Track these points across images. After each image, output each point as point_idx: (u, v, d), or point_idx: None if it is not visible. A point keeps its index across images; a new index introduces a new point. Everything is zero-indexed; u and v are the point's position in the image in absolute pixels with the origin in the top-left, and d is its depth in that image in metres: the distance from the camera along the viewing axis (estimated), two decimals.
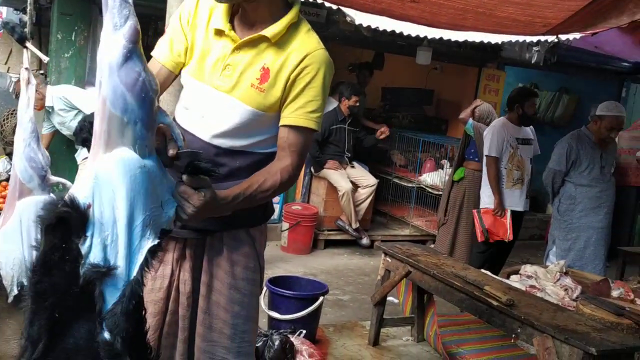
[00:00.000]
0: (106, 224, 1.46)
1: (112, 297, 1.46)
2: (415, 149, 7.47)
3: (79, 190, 1.47)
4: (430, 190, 7.13)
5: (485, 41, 6.25)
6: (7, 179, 6.01)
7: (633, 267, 5.79)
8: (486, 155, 5.38)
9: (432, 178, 7.18)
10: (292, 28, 1.92)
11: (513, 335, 3.13)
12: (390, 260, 3.94)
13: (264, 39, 1.89)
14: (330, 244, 6.81)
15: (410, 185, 7.38)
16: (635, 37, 5.19)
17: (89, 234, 1.45)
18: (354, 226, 6.73)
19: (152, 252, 1.52)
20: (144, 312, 1.57)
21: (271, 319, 3.85)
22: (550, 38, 5.41)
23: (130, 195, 1.49)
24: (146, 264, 1.51)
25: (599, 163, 5.04)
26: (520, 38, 6.00)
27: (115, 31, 1.49)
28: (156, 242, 1.53)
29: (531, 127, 5.58)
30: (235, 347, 2.05)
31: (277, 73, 1.89)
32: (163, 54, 2.01)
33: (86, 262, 1.44)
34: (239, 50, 1.90)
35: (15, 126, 8.95)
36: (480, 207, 5.44)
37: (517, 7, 3.74)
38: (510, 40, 6.20)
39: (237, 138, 1.96)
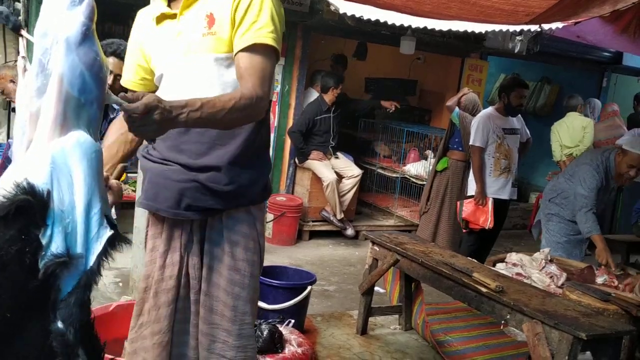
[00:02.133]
0: (66, 211, 1.38)
1: (67, 287, 1.38)
2: (399, 139, 7.46)
3: (35, 175, 1.37)
4: (414, 180, 7.14)
5: (469, 31, 6.24)
6: None
7: (615, 254, 5.83)
8: (471, 145, 5.42)
9: (416, 168, 7.19)
10: None
11: (502, 322, 3.14)
12: (378, 249, 3.93)
13: None
14: (315, 235, 6.79)
15: (394, 175, 7.39)
16: (617, 26, 5.21)
17: (49, 222, 1.35)
18: (338, 217, 6.71)
19: (111, 242, 1.45)
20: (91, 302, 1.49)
21: (259, 309, 3.82)
22: (533, 27, 5.42)
23: (88, 180, 1.42)
24: (105, 253, 1.44)
25: (604, 197, 4.64)
26: (504, 27, 6.01)
27: (73, 7, 1.44)
28: (112, 231, 1.46)
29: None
30: (236, 329, 2.05)
31: (220, 13, 1.94)
32: (127, 80, 2.18)
33: (47, 253, 1.34)
34: (182, 15, 2.00)
35: None
36: (468, 194, 5.49)
37: None
38: (494, 30, 6.21)
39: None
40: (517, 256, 4.32)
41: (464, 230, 5.60)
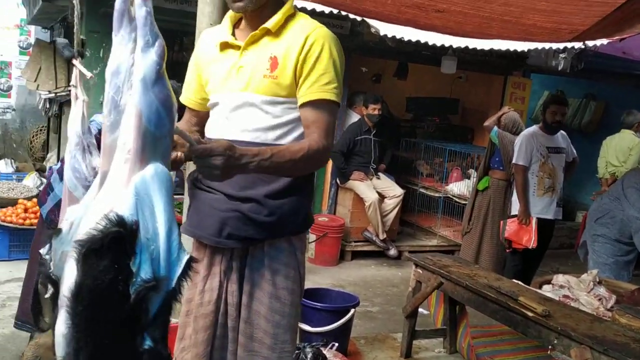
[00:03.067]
0: (151, 238, 1.48)
1: (153, 308, 1.47)
2: (441, 158, 7.43)
3: (122, 207, 1.46)
4: (457, 200, 7.07)
5: (511, 49, 6.21)
6: (37, 195, 6.11)
7: None
8: (514, 164, 5.37)
9: (459, 188, 7.13)
10: (290, 19, 2.05)
11: (549, 347, 3.08)
12: (421, 272, 3.91)
13: (265, 32, 2.02)
14: (357, 255, 6.79)
15: (437, 195, 7.34)
16: None
17: (138, 250, 1.45)
18: (381, 237, 6.70)
19: (188, 264, 1.54)
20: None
21: (303, 332, 3.84)
22: (577, 44, 5.36)
23: (167, 208, 1.51)
24: (184, 275, 1.53)
25: None
26: (547, 45, 5.95)
27: (148, 49, 1.52)
28: (189, 255, 1.55)
29: (563, 133, 5.51)
30: (276, 357, 2.07)
31: (284, 58, 1.98)
32: (187, 98, 2.23)
33: (137, 279, 1.43)
34: (246, 50, 2.04)
35: (44, 142, 9.09)
36: (512, 213, 5.42)
37: (543, 15, 3.72)
38: (537, 48, 6.16)
39: (264, 131, 2.01)
40: (564, 278, 4.23)
41: (507, 250, 5.53)
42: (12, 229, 5.32)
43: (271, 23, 2.00)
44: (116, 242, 1.40)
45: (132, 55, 1.55)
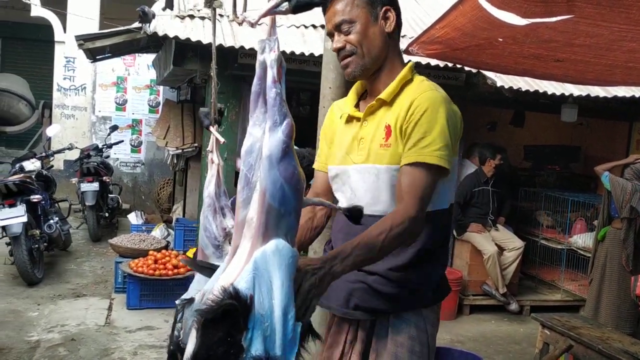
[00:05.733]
0: (266, 315, 1.45)
1: None
2: (563, 208, 7.12)
3: (240, 280, 1.46)
4: (582, 252, 6.73)
5: (637, 95, 5.95)
6: (166, 246, 6.46)
7: None
8: None
9: (584, 240, 6.78)
10: (406, 85, 1.99)
11: None
12: (548, 333, 3.75)
13: (381, 103, 2.00)
14: (475, 309, 6.59)
15: (559, 247, 7.02)
16: None
17: (250, 325, 1.42)
18: (500, 291, 6.48)
19: (303, 344, 1.53)
20: None
21: None
22: None
23: (286, 285, 1.49)
24: (299, 354, 1.51)
25: None
26: None
27: (276, 128, 1.55)
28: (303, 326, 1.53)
29: None
30: None
31: (395, 125, 1.94)
32: (321, 163, 2.23)
33: (248, 355, 1.40)
34: (365, 122, 2.04)
35: (169, 195, 9.58)
36: None
37: None
38: None
39: (389, 203, 1.96)
40: None
41: (638, 308, 5.18)
42: (143, 279, 5.62)
43: (385, 93, 1.98)
44: (229, 315, 1.40)
45: (264, 135, 1.59)
